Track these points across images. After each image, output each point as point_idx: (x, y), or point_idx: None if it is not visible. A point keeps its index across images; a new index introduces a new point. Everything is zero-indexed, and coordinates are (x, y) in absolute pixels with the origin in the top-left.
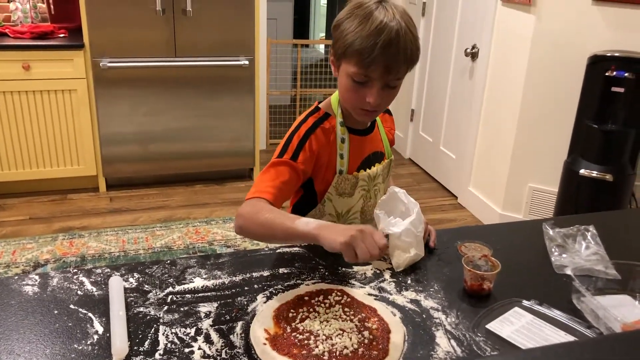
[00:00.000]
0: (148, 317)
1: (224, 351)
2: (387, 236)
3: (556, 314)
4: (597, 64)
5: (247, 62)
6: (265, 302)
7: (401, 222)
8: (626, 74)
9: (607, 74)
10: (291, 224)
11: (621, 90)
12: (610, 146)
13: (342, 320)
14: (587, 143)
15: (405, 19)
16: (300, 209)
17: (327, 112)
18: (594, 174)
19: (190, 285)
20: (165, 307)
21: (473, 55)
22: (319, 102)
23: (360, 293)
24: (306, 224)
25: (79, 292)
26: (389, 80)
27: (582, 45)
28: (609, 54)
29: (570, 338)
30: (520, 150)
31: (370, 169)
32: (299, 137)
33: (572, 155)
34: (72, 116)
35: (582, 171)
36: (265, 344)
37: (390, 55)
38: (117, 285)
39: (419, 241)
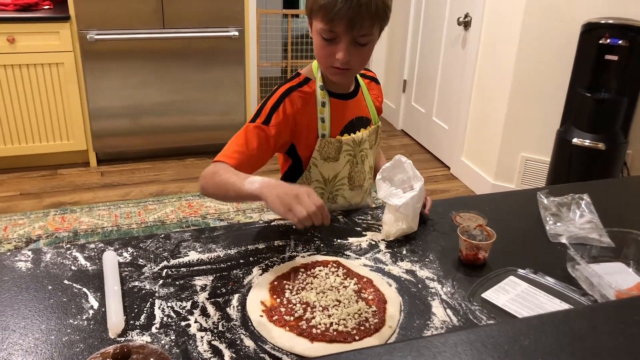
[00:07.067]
0: (143, 292)
1: (220, 324)
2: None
3: (551, 282)
4: (591, 32)
5: (236, 33)
6: (261, 275)
7: (402, 194)
8: (620, 42)
9: (600, 41)
10: (240, 184)
11: (615, 58)
12: (603, 115)
13: (339, 292)
14: (580, 112)
15: None
16: (290, 177)
17: (308, 76)
18: (587, 142)
19: (185, 259)
20: (161, 281)
21: (465, 24)
22: (301, 69)
23: (356, 264)
24: (251, 183)
25: (72, 268)
26: (355, 36)
27: (575, 12)
28: (603, 21)
29: (565, 306)
30: (512, 120)
31: (354, 133)
32: (273, 101)
33: (564, 124)
34: (60, 90)
35: (574, 140)
36: (262, 316)
37: (353, 8)
38: (111, 260)
39: (415, 215)
